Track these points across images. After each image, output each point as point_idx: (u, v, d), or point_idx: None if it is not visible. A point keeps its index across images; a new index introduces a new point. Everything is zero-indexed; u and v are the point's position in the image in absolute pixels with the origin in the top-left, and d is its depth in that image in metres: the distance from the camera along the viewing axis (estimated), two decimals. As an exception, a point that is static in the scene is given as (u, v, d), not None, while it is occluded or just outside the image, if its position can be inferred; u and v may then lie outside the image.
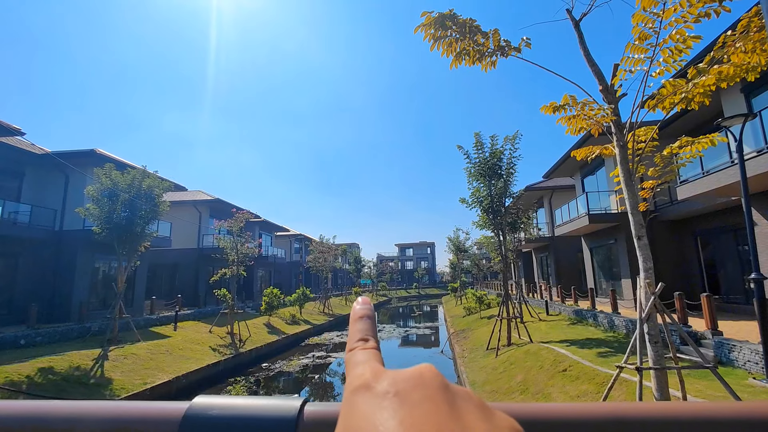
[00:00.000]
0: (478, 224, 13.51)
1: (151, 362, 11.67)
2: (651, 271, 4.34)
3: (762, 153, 8.33)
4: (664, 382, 4.08)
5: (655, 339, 4.13)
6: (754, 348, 6.58)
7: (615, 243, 16.00)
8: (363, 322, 0.33)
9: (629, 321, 10.89)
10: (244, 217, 18.80)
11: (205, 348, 14.37)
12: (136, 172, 13.90)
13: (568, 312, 15.54)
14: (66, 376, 9.56)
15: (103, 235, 13.13)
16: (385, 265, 73.85)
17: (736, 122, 6.18)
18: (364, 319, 0.33)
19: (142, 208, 13.73)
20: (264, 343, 17.11)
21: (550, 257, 24.52)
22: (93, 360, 10.79)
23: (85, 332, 13.17)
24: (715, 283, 13.74)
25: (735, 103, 10.67)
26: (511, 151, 11.84)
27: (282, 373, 14.13)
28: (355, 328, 0.32)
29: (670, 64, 3.74)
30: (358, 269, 50.69)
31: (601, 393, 6.21)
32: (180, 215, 23.24)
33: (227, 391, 11.58)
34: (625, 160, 4.64)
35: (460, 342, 15.37)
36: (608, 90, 4.69)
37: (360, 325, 0.32)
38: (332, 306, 31.81)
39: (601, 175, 17.28)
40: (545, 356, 9.08)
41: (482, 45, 4.11)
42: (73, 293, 15.27)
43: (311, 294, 28.08)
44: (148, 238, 14.27)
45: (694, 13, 3.32)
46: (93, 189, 12.99)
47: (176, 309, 17.35)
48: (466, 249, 36.13)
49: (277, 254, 34.42)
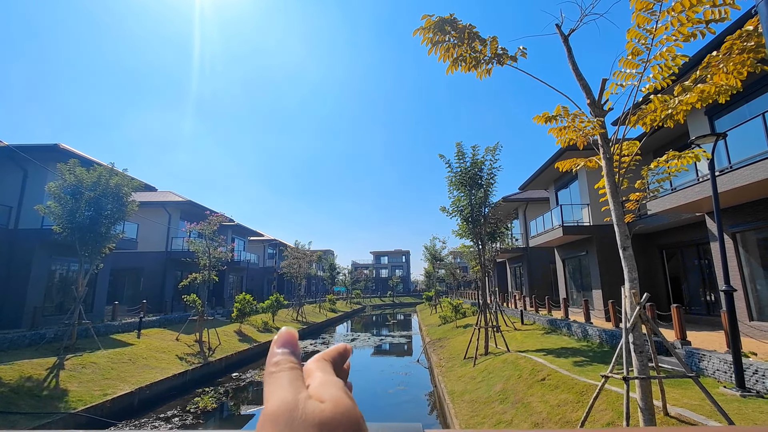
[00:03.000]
0: (458, 233, 13.61)
1: (112, 372, 10.93)
2: (636, 281, 4.42)
3: (725, 172, 8.82)
4: (649, 392, 4.13)
5: (640, 348, 4.20)
6: (722, 357, 6.86)
7: (586, 255, 16.53)
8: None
9: (602, 331, 11.19)
10: (218, 220, 18.17)
11: (171, 357, 13.64)
12: (102, 169, 13.17)
13: (543, 321, 15.85)
14: (15, 388, 8.77)
15: (64, 235, 12.31)
16: (360, 272, 73.39)
17: (708, 141, 6.50)
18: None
19: (108, 207, 12.98)
20: (235, 351, 16.46)
21: (524, 267, 25.07)
22: (47, 370, 9.99)
23: (39, 339, 12.20)
24: (679, 295, 14.41)
25: (700, 124, 11.31)
26: (491, 162, 12.04)
27: (253, 383, 13.59)
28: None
29: (658, 80, 3.86)
30: (332, 276, 50.07)
31: (581, 402, 6.28)
32: (148, 217, 22.21)
33: (194, 402, 10.99)
34: (611, 172, 4.75)
35: (437, 351, 15.33)
36: (595, 104, 4.80)
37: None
38: (306, 313, 31.17)
39: (574, 189, 17.88)
40: (523, 365, 9.14)
41: (479, 52, 4.12)
42: (27, 297, 14.16)
43: (285, 301, 27.39)
44: (112, 240, 13.49)
45: (684, 32, 3.44)
46: (55, 186, 12.19)
47: (140, 315, 16.42)
48: (442, 258, 36.43)
49: (250, 259, 33.50)
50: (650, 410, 4.19)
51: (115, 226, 13.57)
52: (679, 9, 3.39)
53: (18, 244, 14.58)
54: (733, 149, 9.08)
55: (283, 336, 0.32)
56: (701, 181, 9.62)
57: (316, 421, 0.24)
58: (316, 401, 0.26)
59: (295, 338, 0.32)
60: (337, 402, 0.26)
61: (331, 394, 0.27)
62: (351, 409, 0.26)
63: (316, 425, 0.24)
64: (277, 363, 0.29)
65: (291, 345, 0.31)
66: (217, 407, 10.92)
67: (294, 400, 0.25)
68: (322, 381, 0.28)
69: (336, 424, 0.24)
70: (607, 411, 5.66)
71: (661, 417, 5.09)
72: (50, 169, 14.46)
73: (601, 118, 4.70)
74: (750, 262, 9.72)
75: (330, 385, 0.28)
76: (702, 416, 4.98)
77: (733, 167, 8.65)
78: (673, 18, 3.49)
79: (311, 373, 0.30)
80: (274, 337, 0.32)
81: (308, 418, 0.24)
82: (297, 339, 0.33)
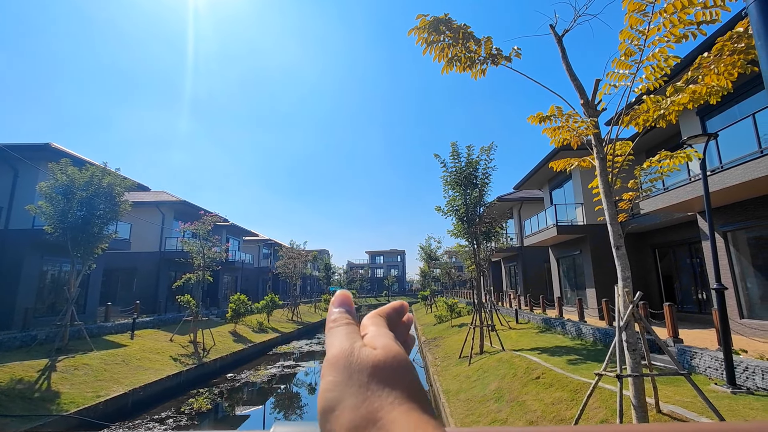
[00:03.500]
0: (453, 233, 13.63)
1: (105, 373, 10.83)
2: (629, 280, 4.46)
3: (716, 172, 8.92)
4: (642, 389, 4.18)
5: (633, 347, 4.24)
6: (713, 355, 6.95)
7: (580, 254, 16.65)
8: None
9: (596, 329, 11.28)
10: (213, 219, 18.07)
11: (165, 358, 13.54)
12: (95, 168, 13.03)
13: (537, 320, 15.94)
14: (6, 390, 8.66)
15: (56, 235, 12.17)
16: (355, 272, 73.36)
17: (699, 141, 6.58)
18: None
19: (101, 207, 12.86)
20: (229, 352, 16.38)
21: (519, 267, 25.18)
22: (38, 372, 9.87)
23: (30, 341, 12.05)
24: (671, 294, 14.57)
25: (691, 125, 11.44)
26: (486, 162, 12.08)
27: (248, 384, 13.53)
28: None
29: (651, 81, 3.90)
30: (328, 276, 49.97)
31: (575, 399, 6.33)
32: (141, 217, 22.02)
33: (189, 404, 10.92)
34: (605, 172, 4.79)
35: (432, 350, 15.36)
36: (589, 104, 4.84)
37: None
38: (301, 314, 31.09)
39: (568, 188, 17.99)
40: (518, 364, 9.19)
41: (474, 52, 4.13)
42: (18, 298, 13.97)
43: (280, 301, 27.29)
44: (105, 240, 13.37)
45: (676, 34, 3.47)
46: (46, 185, 12.05)
47: (134, 316, 16.28)
48: (438, 257, 36.49)
49: (245, 259, 33.35)
50: (643, 407, 4.23)
51: (107, 226, 13.45)
52: (671, 10, 3.43)
53: (8, 245, 14.38)
54: (724, 149, 9.19)
55: (340, 297, 0.38)
56: (693, 181, 9.73)
57: (369, 364, 0.28)
58: (369, 348, 0.30)
59: (350, 299, 0.38)
60: (388, 348, 0.30)
61: (382, 342, 0.31)
62: (400, 354, 0.30)
63: (370, 367, 0.28)
64: (335, 320, 0.35)
65: (347, 305, 0.37)
66: (211, 408, 10.86)
67: (350, 347, 0.30)
68: (375, 333, 0.33)
69: (387, 365, 0.28)
70: (600, 409, 5.71)
71: (653, 414, 5.14)
72: (41, 169, 14.29)
73: (594, 118, 4.73)
74: (741, 261, 9.84)
75: (382, 335, 0.32)
76: (694, 413, 5.04)
77: (724, 167, 8.76)
78: (665, 19, 3.53)
79: (365, 328, 0.34)
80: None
81: (362, 362, 0.29)
82: (352, 299, 0.38)
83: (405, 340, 0.37)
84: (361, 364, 0.28)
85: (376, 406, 0.26)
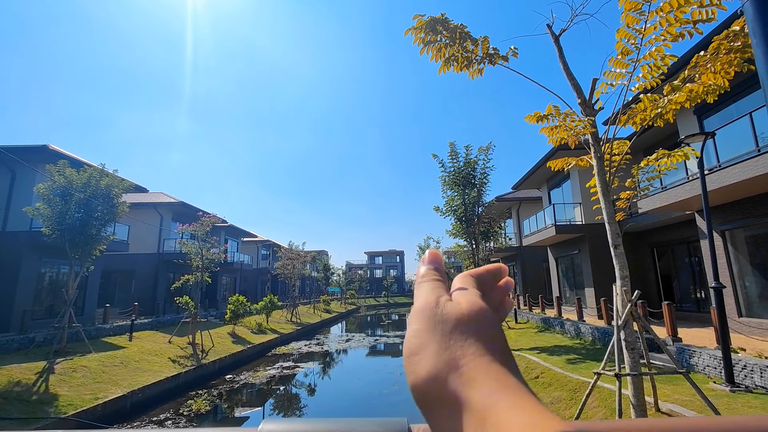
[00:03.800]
0: (452, 233, 13.65)
1: (103, 375, 10.79)
2: (627, 279, 4.47)
3: (714, 171, 8.95)
4: (640, 388, 4.18)
5: (631, 345, 4.24)
6: (712, 354, 6.95)
7: (579, 253, 16.67)
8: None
9: (594, 329, 11.29)
10: (211, 221, 18.04)
11: (163, 359, 13.50)
12: (93, 170, 13.00)
13: (536, 320, 15.94)
14: (3, 393, 8.62)
15: (54, 237, 12.13)
16: (354, 273, 73.30)
17: (697, 140, 6.59)
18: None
19: (99, 209, 12.82)
20: (228, 353, 16.33)
21: (518, 266, 25.21)
22: (36, 374, 9.83)
23: (28, 343, 12.00)
24: (670, 292, 14.59)
25: (689, 124, 11.46)
26: (484, 162, 12.10)
27: (247, 385, 13.50)
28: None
29: (648, 80, 3.90)
30: (326, 277, 49.92)
31: (574, 399, 6.33)
32: (140, 218, 21.98)
33: (187, 405, 10.89)
34: (602, 171, 4.79)
35: (432, 350, 15.36)
36: (586, 103, 4.85)
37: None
38: (300, 314, 31.04)
39: (566, 188, 18.01)
40: (517, 363, 9.20)
41: (471, 52, 4.13)
42: (16, 300, 13.92)
43: (279, 302, 27.26)
44: (103, 242, 13.33)
45: (673, 32, 3.48)
46: (44, 187, 12.00)
47: (132, 318, 16.24)
48: (436, 258, 36.50)
49: (244, 260, 33.30)
50: (642, 406, 4.24)
51: (105, 227, 13.40)
52: (668, 9, 3.43)
53: (6, 247, 14.33)
54: (721, 148, 9.21)
55: (430, 255, 0.39)
56: (691, 180, 9.75)
57: (453, 316, 0.30)
58: (454, 302, 0.31)
59: (440, 257, 0.39)
60: (473, 303, 0.31)
61: (467, 299, 0.32)
62: (485, 309, 0.31)
63: (454, 319, 0.29)
64: (424, 275, 0.36)
65: (436, 262, 0.38)
66: (210, 410, 10.83)
67: (435, 300, 0.31)
68: (462, 290, 0.34)
69: (470, 318, 0.30)
70: (599, 408, 5.71)
71: (652, 413, 5.14)
72: (39, 171, 14.24)
73: (591, 117, 4.74)
74: (739, 260, 9.86)
75: (468, 293, 0.33)
76: (693, 412, 5.05)
77: (722, 166, 8.78)
78: (661, 18, 3.54)
79: (454, 285, 0.36)
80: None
81: (447, 313, 0.30)
82: (441, 258, 0.39)
83: (501, 303, 0.37)
84: (444, 315, 0.30)
85: (458, 354, 0.27)
